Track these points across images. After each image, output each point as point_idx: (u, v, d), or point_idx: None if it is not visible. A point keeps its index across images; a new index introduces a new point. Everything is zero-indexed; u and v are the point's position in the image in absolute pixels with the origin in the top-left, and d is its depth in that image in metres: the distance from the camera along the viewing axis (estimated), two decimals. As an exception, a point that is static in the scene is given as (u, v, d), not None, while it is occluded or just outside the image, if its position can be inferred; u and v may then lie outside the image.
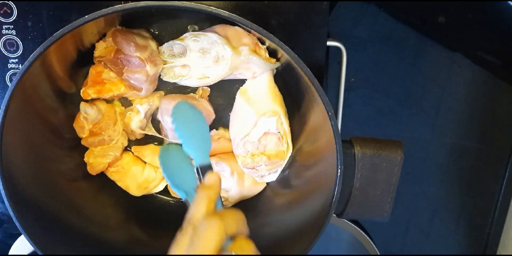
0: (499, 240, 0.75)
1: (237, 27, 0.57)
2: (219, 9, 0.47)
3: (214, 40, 0.56)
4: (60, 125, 0.60)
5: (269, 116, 0.60)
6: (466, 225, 0.77)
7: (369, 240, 0.73)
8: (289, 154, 0.62)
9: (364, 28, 0.69)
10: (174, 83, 0.62)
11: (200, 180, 0.51)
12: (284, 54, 0.49)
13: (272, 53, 0.59)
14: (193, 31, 0.60)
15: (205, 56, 0.57)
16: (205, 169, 0.51)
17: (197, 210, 0.43)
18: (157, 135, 0.64)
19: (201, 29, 0.60)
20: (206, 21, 0.59)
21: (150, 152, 0.64)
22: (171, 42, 0.58)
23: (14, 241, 0.69)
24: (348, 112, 0.70)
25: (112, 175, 0.64)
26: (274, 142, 0.60)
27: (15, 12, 0.58)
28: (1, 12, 0.58)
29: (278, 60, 0.60)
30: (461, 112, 0.73)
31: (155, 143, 0.66)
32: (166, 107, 0.61)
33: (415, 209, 0.78)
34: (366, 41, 0.70)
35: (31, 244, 0.52)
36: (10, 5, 0.57)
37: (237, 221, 0.42)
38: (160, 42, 0.60)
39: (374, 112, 0.73)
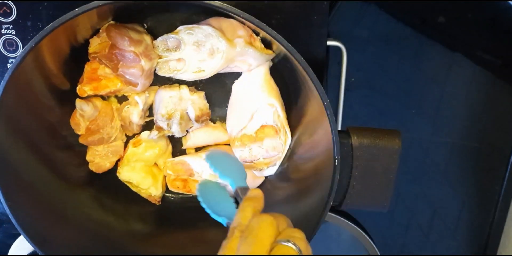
0: (499, 240, 0.75)
1: (231, 19, 0.57)
2: (211, 1, 0.47)
3: (209, 32, 0.55)
4: (56, 122, 0.60)
5: (266, 109, 0.60)
6: (466, 225, 0.77)
7: (369, 240, 0.73)
8: (287, 146, 0.62)
9: (364, 28, 0.69)
10: (170, 78, 0.62)
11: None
12: (279, 45, 0.48)
13: (267, 45, 0.59)
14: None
15: (200, 49, 0.57)
16: (244, 190, 0.50)
17: (243, 216, 0.42)
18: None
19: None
20: (201, 14, 0.59)
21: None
22: (165, 36, 0.58)
23: (14, 241, 0.69)
24: (348, 112, 0.70)
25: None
26: (272, 134, 0.60)
27: (15, 12, 0.58)
28: (1, 12, 0.58)
29: (273, 51, 0.60)
30: (461, 112, 0.73)
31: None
32: (161, 96, 0.61)
33: (414, 209, 0.77)
34: (366, 41, 0.70)
35: (30, 244, 0.52)
36: (9, 5, 0.57)
37: (286, 220, 0.41)
38: (154, 37, 0.59)
39: (374, 112, 0.73)
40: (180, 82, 0.63)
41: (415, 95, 0.72)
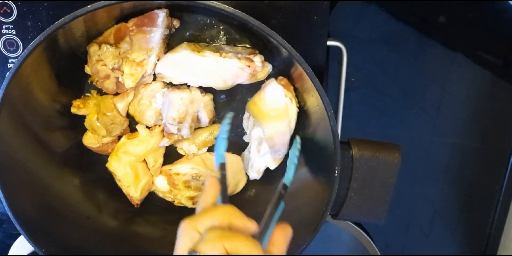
0: (499, 240, 0.75)
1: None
2: (212, 2, 0.47)
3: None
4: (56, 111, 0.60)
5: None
6: (466, 225, 0.77)
7: (369, 240, 0.73)
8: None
9: (364, 28, 0.69)
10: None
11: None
12: (297, 66, 0.49)
13: (275, 52, 0.59)
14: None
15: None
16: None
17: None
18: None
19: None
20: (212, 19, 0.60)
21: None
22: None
23: (14, 241, 0.69)
24: (348, 112, 0.69)
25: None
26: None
27: (15, 12, 0.58)
28: (1, 12, 0.58)
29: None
30: (461, 112, 0.73)
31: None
32: (170, 98, 0.60)
33: (415, 209, 0.78)
34: (366, 41, 0.70)
35: (30, 244, 0.52)
36: (10, 5, 0.57)
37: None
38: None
39: (374, 112, 0.73)
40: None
41: (415, 95, 0.72)
